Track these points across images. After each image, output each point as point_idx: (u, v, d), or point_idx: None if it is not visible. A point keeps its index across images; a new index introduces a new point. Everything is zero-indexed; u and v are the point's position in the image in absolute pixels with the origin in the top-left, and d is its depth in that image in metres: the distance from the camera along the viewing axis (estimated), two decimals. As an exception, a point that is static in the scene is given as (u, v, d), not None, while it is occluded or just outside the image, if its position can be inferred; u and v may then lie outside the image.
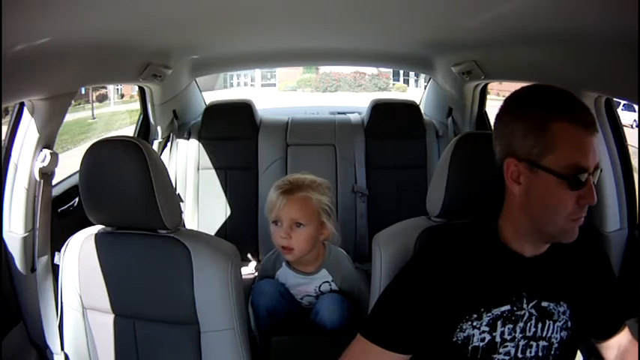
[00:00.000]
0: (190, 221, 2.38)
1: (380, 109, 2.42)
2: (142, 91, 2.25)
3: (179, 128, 2.45)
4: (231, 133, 2.40)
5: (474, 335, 0.97)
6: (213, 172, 2.39)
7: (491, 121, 1.01)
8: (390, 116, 2.42)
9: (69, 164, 1.71)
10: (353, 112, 2.69)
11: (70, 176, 1.78)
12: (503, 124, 0.95)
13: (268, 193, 1.63)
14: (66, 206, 1.67)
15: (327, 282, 1.62)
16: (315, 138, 2.44)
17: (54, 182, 1.46)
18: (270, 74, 20.16)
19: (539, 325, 0.99)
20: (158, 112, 2.28)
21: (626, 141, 1.47)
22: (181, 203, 2.35)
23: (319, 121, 2.60)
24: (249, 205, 2.34)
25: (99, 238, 1.24)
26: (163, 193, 1.16)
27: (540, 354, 0.99)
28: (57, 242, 1.34)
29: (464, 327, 0.97)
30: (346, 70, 19.05)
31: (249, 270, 2.27)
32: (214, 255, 1.20)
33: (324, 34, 1.63)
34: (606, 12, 0.88)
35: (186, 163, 2.41)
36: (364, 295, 1.58)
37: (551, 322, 0.99)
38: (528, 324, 0.98)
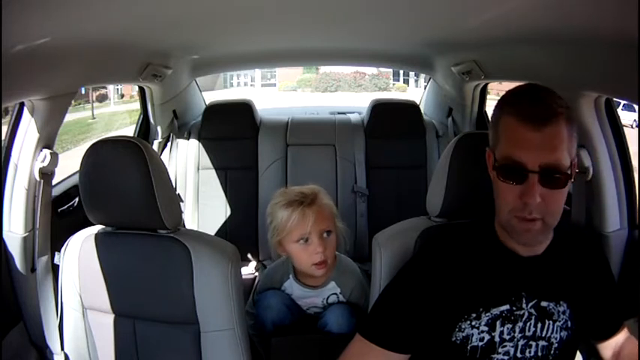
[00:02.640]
0: (190, 221, 2.38)
1: (380, 109, 2.42)
2: (142, 91, 2.25)
3: (179, 128, 2.45)
4: (231, 133, 2.40)
5: (472, 335, 0.97)
6: (213, 172, 2.39)
7: (492, 121, 1.02)
8: (390, 116, 2.42)
9: (69, 165, 1.71)
10: (353, 112, 2.70)
11: (70, 176, 1.78)
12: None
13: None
14: (66, 206, 1.67)
15: (335, 294, 1.58)
16: (315, 138, 2.44)
17: (54, 182, 1.46)
18: (270, 74, 20.19)
19: (539, 325, 0.98)
20: (158, 112, 2.28)
21: (626, 141, 1.47)
22: (181, 203, 2.35)
23: (319, 121, 2.60)
24: (249, 205, 2.34)
25: (99, 238, 1.24)
26: (163, 193, 1.16)
27: (540, 354, 0.99)
28: (57, 242, 1.34)
29: (463, 327, 0.97)
30: (346, 70, 19.09)
31: (249, 270, 2.27)
32: (214, 255, 1.20)
33: (324, 34, 1.62)
34: (606, 12, 0.88)
35: (186, 163, 2.41)
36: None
37: (551, 322, 0.99)
38: (528, 324, 0.98)
